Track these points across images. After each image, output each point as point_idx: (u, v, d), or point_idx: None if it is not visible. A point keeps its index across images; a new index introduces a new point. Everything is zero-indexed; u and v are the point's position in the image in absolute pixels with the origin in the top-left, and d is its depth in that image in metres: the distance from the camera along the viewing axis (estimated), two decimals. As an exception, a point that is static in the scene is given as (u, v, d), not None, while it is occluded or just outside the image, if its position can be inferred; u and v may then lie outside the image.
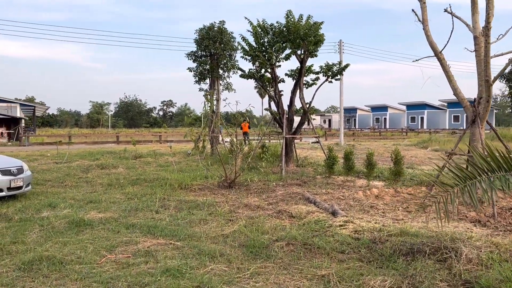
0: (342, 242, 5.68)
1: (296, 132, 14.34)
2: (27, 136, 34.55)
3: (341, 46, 28.27)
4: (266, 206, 8.18)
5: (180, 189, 10.44)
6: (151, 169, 14.83)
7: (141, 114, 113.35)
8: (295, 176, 12.69)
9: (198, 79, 19.97)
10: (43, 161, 17.73)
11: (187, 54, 19.72)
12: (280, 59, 13.70)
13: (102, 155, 20.20)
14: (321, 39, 13.17)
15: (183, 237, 5.90)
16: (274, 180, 11.89)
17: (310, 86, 14.61)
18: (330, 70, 13.57)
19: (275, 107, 14.34)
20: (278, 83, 13.88)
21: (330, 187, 10.75)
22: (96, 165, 15.10)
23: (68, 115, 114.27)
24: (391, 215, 7.87)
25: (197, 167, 15.02)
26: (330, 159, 12.47)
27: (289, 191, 10.16)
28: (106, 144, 34.89)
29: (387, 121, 76.75)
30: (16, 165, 8.92)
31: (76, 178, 12.18)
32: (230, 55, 19.41)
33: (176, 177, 11.94)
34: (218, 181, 11.43)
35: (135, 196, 9.18)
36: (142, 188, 10.54)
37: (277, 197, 9.53)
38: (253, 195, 9.81)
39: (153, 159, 18.23)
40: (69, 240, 5.73)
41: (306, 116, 13.98)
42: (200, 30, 19.27)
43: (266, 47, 13.41)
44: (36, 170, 13.83)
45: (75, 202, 8.58)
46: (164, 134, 42.28)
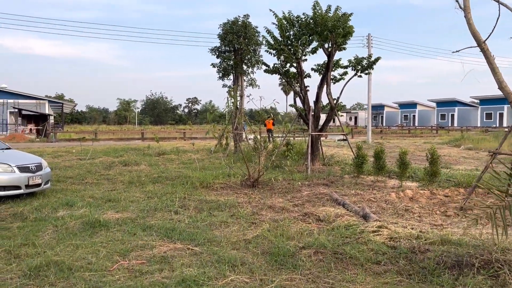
0: (376, 251, 5.11)
1: (323, 129, 13.73)
2: (54, 133, 35.11)
3: (370, 40, 27.32)
4: (292, 208, 7.66)
5: (201, 188, 10.05)
6: (173, 166, 14.54)
7: (166, 111, 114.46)
8: (322, 175, 12.10)
9: (221, 75, 19.58)
10: (67, 157, 17.75)
11: (210, 50, 19.35)
12: (306, 53, 13.11)
13: (126, 151, 20.12)
14: (350, 31, 12.50)
15: (202, 242, 5.46)
16: (299, 180, 11.35)
17: (337, 81, 13.96)
18: (360, 64, 12.89)
19: (301, 103, 13.78)
20: (304, 78, 13.30)
21: (360, 188, 10.13)
22: (118, 162, 14.93)
23: (96, 112, 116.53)
24: (428, 219, 7.22)
25: (220, 165, 14.63)
26: (359, 158, 11.81)
27: (316, 192, 9.60)
28: (132, 140, 35.08)
29: (416, 118, 74.66)
30: (35, 162, 8.72)
31: (97, 175, 11.99)
32: (254, 50, 18.91)
33: (198, 175, 11.57)
34: (241, 179, 10.99)
35: (155, 195, 8.83)
36: (163, 186, 10.20)
37: (303, 197, 9.00)
38: (277, 195, 9.32)
39: (176, 156, 17.99)
40: (81, 243, 5.38)
41: (333, 113, 13.35)
42: (224, 24, 18.86)
43: (292, 40, 12.84)
44: (58, 167, 13.76)
45: (93, 200, 8.30)
46: (188, 131, 42.28)
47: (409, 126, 63.80)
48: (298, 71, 13.19)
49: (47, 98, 48.06)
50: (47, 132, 35.79)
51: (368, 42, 27.46)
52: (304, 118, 13.55)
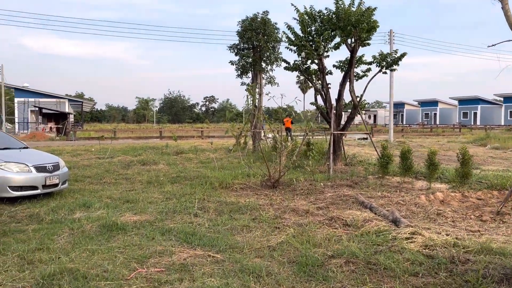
0: (413, 261, 4.71)
1: (345, 128, 13.28)
2: (73, 131, 35.44)
3: (392, 37, 26.59)
4: (316, 212, 7.28)
5: (221, 188, 9.77)
6: (191, 165, 14.31)
7: (184, 110, 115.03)
8: (344, 176, 11.67)
9: (240, 73, 19.25)
10: (86, 156, 17.72)
11: (229, 47, 19.04)
12: (328, 49, 12.67)
13: (145, 150, 20.02)
14: (374, 26, 12.01)
15: (224, 248, 5.14)
16: (321, 180, 10.95)
17: (360, 78, 13.48)
18: (385, 60, 12.38)
19: (322, 101, 13.35)
20: (325, 75, 12.87)
21: (386, 190, 9.68)
22: (137, 161, 14.78)
23: (115, 111, 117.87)
24: (463, 225, 6.75)
25: (239, 164, 14.33)
26: (384, 158, 11.35)
27: (340, 193, 9.20)
28: (150, 139, 35.14)
29: (437, 117, 73.06)
30: (52, 162, 8.56)
31: (115, 175, 11.82)
32: (273, 47, 18.51)
33: (217, 175, 11.29)
34: (261, 180, 10.66)
35: (173, 196, 8.57)
36: (182, 186, 9.95)
37: (326, 199, 8.61)
38: (299, 197, 8.95)
39: (194, 155, 17.77)
40: (98, 248, 5.13)
41: (356, 111, 12.88)
42: (242, 21, 18.52)
43: (313, 36, 12.43)
44: (77, 166, 13.68)
45: (111, 201, 8.08)
46: (206, 130, 42.22)
47: (431, 125, 62.41)
48: (320, 67, 12.77)
49: (67, 97, 48.66)
50: (66, 130, 36.15)
51: (390, 39, 26.72)
52: (325, 116, 13.13)
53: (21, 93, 43.99)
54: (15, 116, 44.48)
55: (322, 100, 13.27)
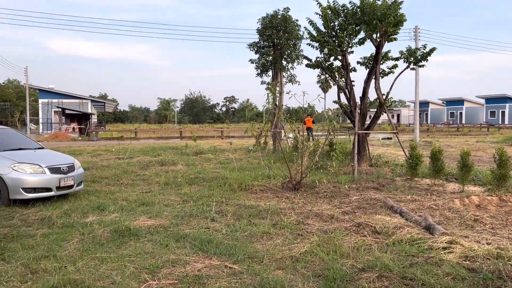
0: (454, 275, 4.19)
1: (370, 127, 12.69)
2: (95, 131, 35.74)
3: (417, 33, 25.67)
4: (341, 217, 6.78)
5: (240, 190, 9.37)
6: (210, 166, 13.97)
7: (205, 110, 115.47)
8: (370, 177, 11.10)
9: (260, 72, 18.82)
10: (106, 156, 17.63)
11: (249, 45, 18.63)
12: (352, 44, 12.11)
13: (164, 150, 19.84)
14: (401, 19, 11.39)
15: (242, 258, 4.72)
16: (345, 182, 10.42)
17: (386, 75, 12.85)
18: (413, 55, 11.73)
19: (345, 99, 12.79)
20: (349, 72, 12.30)
21: (416, 193, 9.08)
22: (156, 162, 14.54)
23: (138, 111, 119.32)
24: (505, 232, 6.14)
25: (259, 165, 13.91)
26: (413, 159, 10.73)
27: (366, 197, 8.66)
28: (170, 139, 35.13)
29: (463, 116, 70.92)
30: (67, 162, 8.32)
31: (133, 176, 11.57)
32: (294, 45, 18.00)
33: (236, 176, 10.90)
34: (281, 181, 10.22)
35: (190, 198, 8.21)
36: (200, 188, 9.59)
37: (352, 203, 8.10)
38: (322, 200, 8.46)
39: (213, 155, 17.45)
40: (108, 256, 4.78)
41: (382, 109, 12.27)
42: (263, 19, 18.07)
43: (337, 32, 11.89)
44: (96, 166, 13.52)
45: (126, 204, 7.78)
46: (226, 130, 41.99)
47: (457, 124, 60.58)
48: (344, 64, 12.22)
49: (90, 98, 49.29)
50: (88, 131, 36.49)
51: (415, 35, 25.79)
52: (349, 115, 12.56)
53: (45, 94, 44.76)
54: (39, 116, 45.28)
55: (346, 99, 12.72)
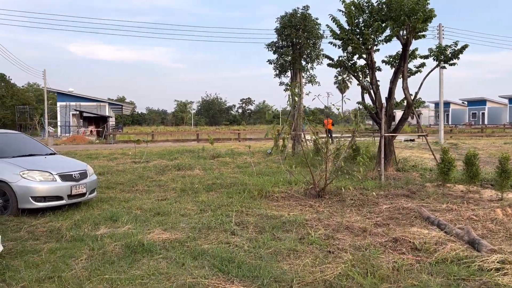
0: (519, 308, 3.54)
1: (397, 130, 11.99)
2: (112, 134, 35.71)
3: (441, 31, 24.74)
4: (374, 230, 6.16)
5: (260, 198, 8.83)
6: (228, 170, 13.46)
7: (221, 112, 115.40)
8: (398, 183, 10.42)
9: (278, 72, 18.27)
10: (122, 160, 17.31)
11: (267, 45, 18.10)
12: (378, 42, 11.46)
13: (181, 154, 19.47)
14: (431, 15, 10.69)
15: (268, 282, 4.16)
16: (372, 188, 9.78)
17: (413, 74, 12.14)
18: (443, 53, 11.00)
19: (370, 100, 12.13)
20: (375, 71, 11.64)
21: (451, 201, 8.39)
22: (172, 166, 14.11)
23: (155, 114, 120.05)
24: (561, 249, 5.43)
25: (278, 169, 13.35)
26: (445, 163, 10.01)
27: (397, 205, 8.02)
28: (187, 142, 34.85)
29: (486, 116, 68.91)
30: (79, 169, 7.91)
31: (149, 181, 11.15)
32: (314, 44, 17.40)
33: (255, 181, 10.38)
34: (304, 188, 9.63)
35: (208, 207, 7.70)
36: (218, 195, 9.08)
37: (383, 213, 7.47)
38: (350, 209, 7.84)
39: (231, 159, 16.95)
40: (117, 277, 4.29)
41: (410, 110, 11.57)
42: (281, 17, 17.53)
43: (361, 28, 11.25)
44: (111, 171, 13.16)
45: (141, 213, 7.32)
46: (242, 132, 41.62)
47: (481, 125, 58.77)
48: (369, 63, 11.56)
49: (107, 100, 49.50)
50: (105, 133, 36.50)
51: (439, 33, 24.85)
52: (374, 117, 11.90)
53: (63, 97, 45.08)
54: (58, 119, 45.64)
55: (371, 99, 12.05)
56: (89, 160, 17.50)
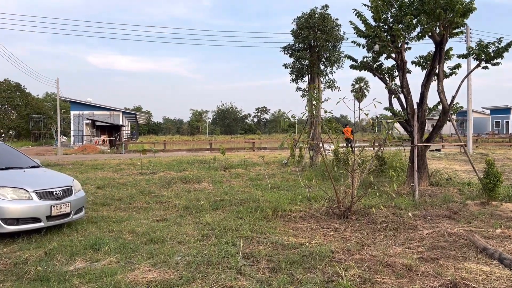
0: None
1: (431, 139, 10.57)
2: (124, 144, 34.88)
3: (468, 34, 23.18)
4: (421, 266, 4.79)
5: (275, 218, 7.54)
6: (240, 184, 12.20)
7: (236, 121, 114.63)
8: (435, 201, 8.99)
9: (295, 77, 17.03)
10: (128, 171, 16.23)
11: (282, 48, 16.90)
12: (409, 39, 10.12)
13: (191, 164, 18.31)
14: (470, 7, 9.32)
15: None
16: (406, 207, 8.39)
17: (447, 77, 10.75)
18: (485, 51, 9.59)
19: (399, 106, 10.75)
20: (406, 72, 10.28)
21: (504, 224, 6.98)
22: (178, 178, 12.92)
23: (171, 123, 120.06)
24: None
25: (295, 183, 12.04)
26: (491, 178, 8.56)
27: (440, 230, 6.63)
28: (200, 151, 33.79)
29: (510, 125, 66.23)
30: (62, 185, 6.73)
31: (149, 197, 9.95)
32: (334, 46, 16.13)
33: (269, 197, 9.10)
34: (326, 206, 8.31)
35: (212, 232, 6.43)
36: (225, 215, 7.82)
37: (425, 240, 6.10)
38: (383, 234, 6.49)
39: (243, 170, 15.70)
40: None
41: (446, 117, 10.16)
42: (298, 18, 16.33)
43: (390, 25, 9.94)
44: (111, 184, 12.04)
45: (131, 239, 6.10)
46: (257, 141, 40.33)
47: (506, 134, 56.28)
48: (399, 63, 10.21)
49: (121, 110, 48.85)
50: (117, 143, 35.72)
51: (467, 35, 23.30)
52: (404, 124, 10.50)
53: (77, 106, 44.62)
54: (71, 128, 45.17)
55: (400, 105, 10.67)
56: (94, 171, 16.48)
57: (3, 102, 53.66)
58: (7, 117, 54.60)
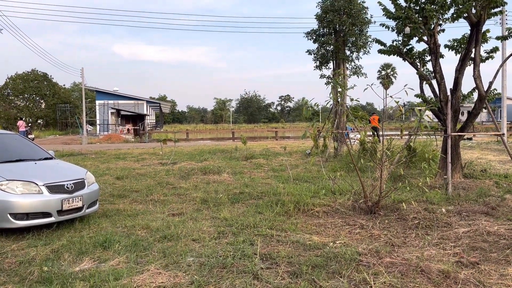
0: None
1: (466, 128, 9.85)
2: (148, 133, 35.01)
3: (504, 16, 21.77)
4: (460, 273, 4.26)
5: (296, 213, 7.11)
6: (261, 175, 11.80)
7: (260, 110, 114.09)
8: (470, 195, 8.35)
9: (319, 64, 16.37)
10: (149, 161, 16.08)
11: (306, 33, 16.25)
12: (443, 21, 9.36)
13: (212, 154, 18.05)
14: (513, -16, 8.51)
15: None
16: (439, 202, 7.80)
17: (483, 61, 9.95)
18: (527, 32, 8.77)
19: (431, 92, 10.05)
20: (439, 57, 9.55)
21: (552, 223, 6.29)
22: (198, 169, 12.62)
23: (195, 112, 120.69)
24: None
25: (319, 174, 11.55)
26: (534, 171, 7.84)
27: (478, 228, 6.05)
28: (222, 140, 33.60)
29: (546, 112, 63.18)
30: (74, 178, 6.48)
31: (167, 189, 9.67)
32: (360, 31, 15.36)
33: (291, 189, 8.65)
34: (352, 200, 7.81)
35: (229, 229, 6.05)
36: (244, 209, 7.43)
37: (461, 240, 5.55)
38: (415, 233, 5.97)
39: (265, 161, 15.28)
40: None
41: (482, 104, 9.41)
42: (323, 2, 15.61)
43: (422, 5, 9.21)
44: (131, 175, 11.85)
45: (144, 235, 5.79)
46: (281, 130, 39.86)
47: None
48: (431, 46, 9.48)
49: (145, 99, 49.10)
50: (140, 132, 35.89)
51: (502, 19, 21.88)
52: (437, 112, 9.81)
53: (102, 96, 45.08)
54: (96, 118, 45.75)
55: (432, 92, 9.97)
56: (116, 161, 16.41)
57: (31, 92, 54.81)
58: (35, 106, 55.80)
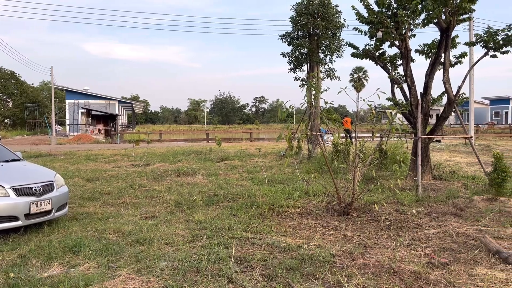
0: None
1: (435, 131, 10.11)
2: (119, 133, 34.35)
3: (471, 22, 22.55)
4: (431, 273, 4.36)
5: (271, 215, 7.12)
6: (236, 176, 11.76)
7: (234, 111, 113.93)
8: (439, 196, 8.58)
9: (293, 66, 16.49)
10: (121, 162, 15.77)
11: (281, 36, 16.33)
12: (414, 26, 9.59)
13: (186, 156, 17.90)
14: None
15: None
16: (409, 203, 7.98)
17: (452, 66, 10.26)
18: (494, 39, 9.09)
19: (402, 96, 10.28)
20: (410, 61, 9.78)
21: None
22: (172, 171, 12.46)
23: (168, 112, 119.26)
24: None
25: (293, 175, 11.62)
26: (499, 173, 8.13)
27: (447, 229, 6.22)
28: (196, 142, 33.32)
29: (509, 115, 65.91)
30: (43, 180, 6.27)
31: (140, 191, 9.50)
32: (334, 34, 15.56)
33: (266, 191, 8.66)
34: (325, 201, 7.88)
35: (203, 232, 5.99)
36: (219, 212, 7.38)
37: (431, 241, 5.69)
38: (387, 234, 6.08)
39: (240, 162, 15.26)
40: None
41: (451, 108, 9.69)
42: (297, 5, 15.72)
43: (394, 10, 9.41)
44: (102, 177, 11.58)
45: (115, 239, 5.65)
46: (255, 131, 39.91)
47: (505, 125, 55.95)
48: (402, 51, 9.70)
49: (117, 99, 48.18)
50: (112, 132, 35.17)
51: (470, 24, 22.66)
52: (407, 116, 10.04)
53: (72, 95, 43.97)
54: (66, 118, 44.55)
55: (403, 95, 10.20)
56: (86, 162, 16.00)
57: (-3, 90, 52.89)
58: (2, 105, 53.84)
